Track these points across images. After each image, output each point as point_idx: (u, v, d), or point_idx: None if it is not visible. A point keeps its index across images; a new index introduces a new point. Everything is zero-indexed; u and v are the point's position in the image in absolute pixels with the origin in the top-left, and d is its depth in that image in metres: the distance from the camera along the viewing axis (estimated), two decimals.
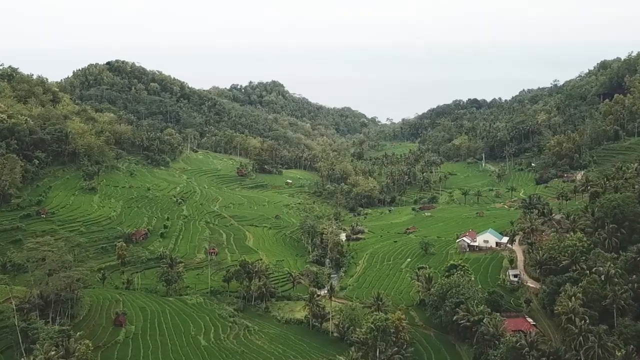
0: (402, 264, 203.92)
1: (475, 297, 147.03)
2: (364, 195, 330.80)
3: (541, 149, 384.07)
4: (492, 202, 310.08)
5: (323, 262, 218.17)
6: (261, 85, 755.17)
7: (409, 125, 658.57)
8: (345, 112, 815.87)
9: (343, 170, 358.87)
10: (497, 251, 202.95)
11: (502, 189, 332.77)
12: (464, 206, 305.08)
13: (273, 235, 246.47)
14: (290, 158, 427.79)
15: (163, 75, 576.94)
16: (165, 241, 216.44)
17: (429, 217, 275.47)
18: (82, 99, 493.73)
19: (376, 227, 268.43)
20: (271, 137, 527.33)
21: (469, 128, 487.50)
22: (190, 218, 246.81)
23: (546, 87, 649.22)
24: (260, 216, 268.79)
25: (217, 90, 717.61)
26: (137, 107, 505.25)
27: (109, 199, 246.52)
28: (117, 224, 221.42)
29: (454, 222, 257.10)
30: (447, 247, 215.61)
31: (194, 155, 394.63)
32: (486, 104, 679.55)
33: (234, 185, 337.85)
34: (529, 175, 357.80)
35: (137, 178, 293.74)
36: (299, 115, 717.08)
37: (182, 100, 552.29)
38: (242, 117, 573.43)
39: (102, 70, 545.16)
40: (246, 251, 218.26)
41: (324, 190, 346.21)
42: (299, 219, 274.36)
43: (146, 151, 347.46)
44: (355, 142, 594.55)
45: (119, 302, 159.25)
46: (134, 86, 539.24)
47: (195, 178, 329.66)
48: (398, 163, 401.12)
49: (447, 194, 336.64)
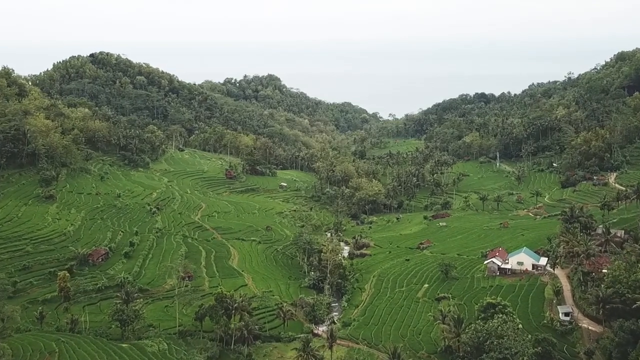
0: (418, 291, 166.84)
1: (524, 352, 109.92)
2: (368, 201, 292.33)
3: (563, 147, 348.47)
4: (514, 208, 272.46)
5: (321, 287, 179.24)
6: (257, 79, 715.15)
7: (413, 121, 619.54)
8: (346, 107, 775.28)
9: (344, 171, 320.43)
10: (534, 275, 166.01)
11: (524, 192, 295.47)
12: (483, 213, 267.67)
13: (262, 251, 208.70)
14: (285, 157, 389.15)
15: (150, 68, 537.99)
16: (129, 262, 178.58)
17: (444, 228, 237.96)
18: (62, 93, 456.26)
19: (383, 240, 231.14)
20: (266, 134, 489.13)
21: (480, 124, 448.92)
22: (165, 232, 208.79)
23: (558, 81, 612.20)
24: (249, 227, 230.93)
25: (210, 84, 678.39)
26: (121, 102, 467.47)
27: (68, 210, 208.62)
28: (72, 242, 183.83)
29: (475, 235, 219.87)
30: (472, 269, 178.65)
31: (179, 155, 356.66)
32: (494, 99, 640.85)
33: (221, 189, 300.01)
34: (551, 176, 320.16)
35: (108, 182, 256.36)
36: (296, 110, 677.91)
37: (171, 94, 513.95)
38: (235, 112, 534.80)
39: (84, 63, 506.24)
40: (228, 274, 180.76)
41: (323, 195, 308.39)
42: (293, 230, 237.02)
43: (123, 151, 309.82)
44: (357, 139, 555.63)
45: (54, 353, 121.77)
46: (118, 80, 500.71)
47: (177, 181, 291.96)
48: (404, 163, 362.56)
49: (461, 199, 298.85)
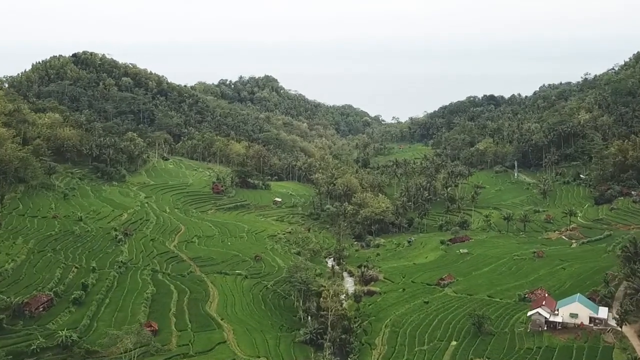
0: (444, 352, 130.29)
1: None
2: (374, 220, 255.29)
3: (589, 155, 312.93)
4: (543, 230, 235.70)
5: (321, 343, 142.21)
6: (252, 81, 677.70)
7: (419, 125, 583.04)
8: (346, 110, 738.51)
9: (346, 184, 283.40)
10: (592, 332, 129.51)
11: (551, 209, 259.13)
12: (508, 236, 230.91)
13: (249, 289, 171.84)
14: (281, 167, 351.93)
15: (137, 68, 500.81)
16: (79, 312, 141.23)
17: (465, 256, 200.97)
18: (40, 96, 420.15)
19: (394, 271, 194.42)
20: (261, 139, 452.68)
21: (494, 129, 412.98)
22: (131, 266, 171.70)
23: (571, 82, 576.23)
24: (234, 257, 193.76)
25: (203, 86, 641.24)
26: (104, 106, 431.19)
27: (13, 239, 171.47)
28: (10, 284, 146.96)
29: (505, 267, 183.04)
30: (510, 319, 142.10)
31: (162, 165, 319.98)
32: (504, 101, 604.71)
33: (206, 205, 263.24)
34: (579, 190, 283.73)
35: (72, 201, 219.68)
36: (294, 114, 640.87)
37: (159, 97, 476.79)
38: (229, 116, 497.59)
39: (65, 63, 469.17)
40: (204, 324, 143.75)
41: (323, 212, 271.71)
42: (287, 258, 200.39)
43: (96, 162, 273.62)
44: (359, 145, 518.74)
45: None
46: (102, 81, 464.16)
47: (156, 197, 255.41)
48: (413, 173, 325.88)
49: (480, 217, 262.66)
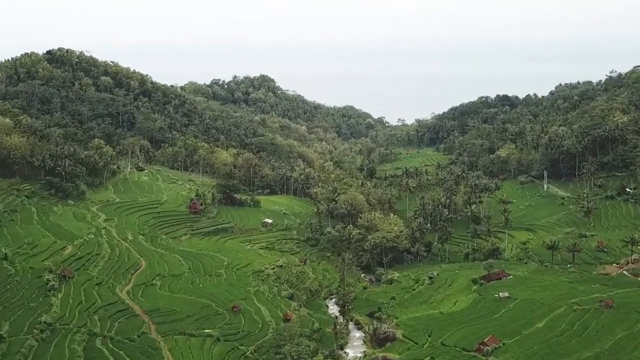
0: None
1: None
2: (386, 247, 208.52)
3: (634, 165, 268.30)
4: (596, 261, 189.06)
5: None
6: (247, 81, 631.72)
7: (427, 128, 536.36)
8: (348, 111, 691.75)
9: (351, 202, 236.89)
10: None
11: (600, 233, 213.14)
12: (552, 270, 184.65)
13: (221, 358, 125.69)
14: (274, 179, 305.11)
15: (119, 67, 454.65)
16: None
17: (506, 302, 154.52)
18: (6, 97, 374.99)
19: (416, 325, 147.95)
20: (254, 144, 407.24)
21: (515, 133, 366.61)
22: (59, 327, 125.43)
23: (591, 81, 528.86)
24: (205, 308, 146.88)
25: (194, 86, 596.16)
26: (79, 108, 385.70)
27: None
28: None
29: (566, 324, 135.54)
30: None
31: (135, 177, 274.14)
32: (519, 102, 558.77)
33: (180, 229, 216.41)
34: (627, 208, 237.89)
35: (4, 230, 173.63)
36: (292, 116, 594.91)
37: (142, 98, 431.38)
38: (219, 119, 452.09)
39: (38, 61, 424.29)
40: None
41: (323, 236, 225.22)
42: (275, 307, 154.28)
43: (50, 176, 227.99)
44: (362, 150, 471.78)
45: None
46: (79, 81, 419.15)
47: (119, 219, 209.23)
48: (428, 186, 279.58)
49: (513, 241, 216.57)
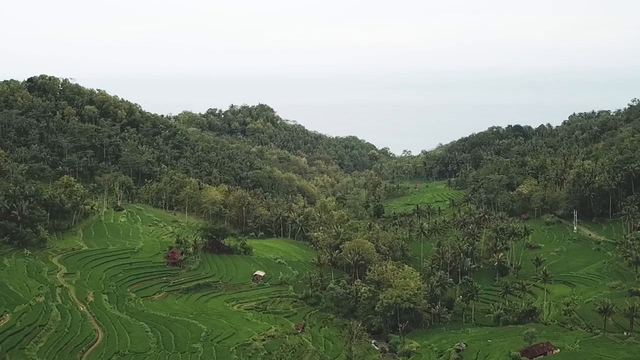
0: None
1: None
2: (401, 308, 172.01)
3: None
4: None
5: None
6: (245, 110, 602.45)
7: (435, 160, 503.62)
8: (351, 142, 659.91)
9: (357, 250, 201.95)
10: None
11: None
12: (606, 339, 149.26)
13: None
14: (269, 219, 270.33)
15: (105, 95, 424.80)
16: None
17: None
18: None
19: None
20: (251, 178, 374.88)
21: (536, 167, 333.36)
22: None
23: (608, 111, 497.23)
24: None
25: (189, 115, 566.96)
26: (59, 139, 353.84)
27: None
28: None
29: None
30: None
31: (111, 218, 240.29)
32: (532, 132, 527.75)
33: (154, 284, 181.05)
34: None
35: None
36: (292, 147, 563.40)
37: (129, 128, 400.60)
38: (213, 150, 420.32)
39: (17, 89, 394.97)
40: None
41: (325, 291, 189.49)
42: None
43: (5, 219, 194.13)
44: (367, 184, 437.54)
45: None
46: (61, 110, 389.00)
47: (82, 273, 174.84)
48: (445, 229, 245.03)
49: (549, 298, 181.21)
